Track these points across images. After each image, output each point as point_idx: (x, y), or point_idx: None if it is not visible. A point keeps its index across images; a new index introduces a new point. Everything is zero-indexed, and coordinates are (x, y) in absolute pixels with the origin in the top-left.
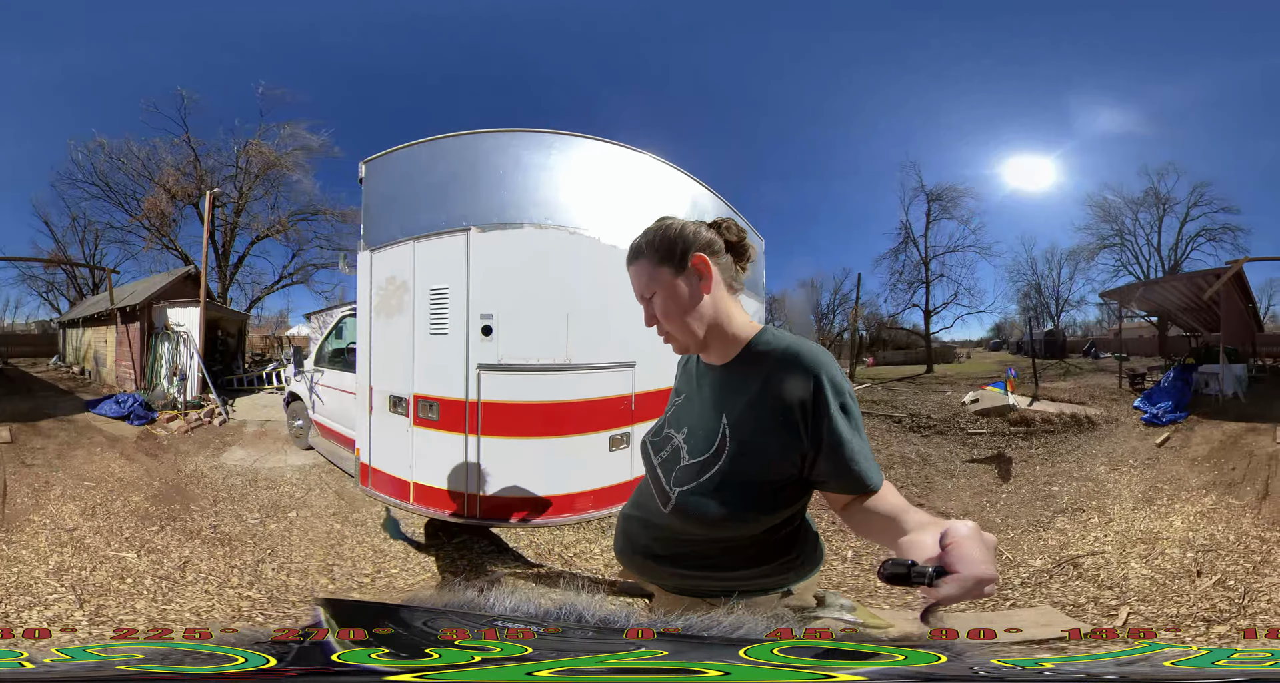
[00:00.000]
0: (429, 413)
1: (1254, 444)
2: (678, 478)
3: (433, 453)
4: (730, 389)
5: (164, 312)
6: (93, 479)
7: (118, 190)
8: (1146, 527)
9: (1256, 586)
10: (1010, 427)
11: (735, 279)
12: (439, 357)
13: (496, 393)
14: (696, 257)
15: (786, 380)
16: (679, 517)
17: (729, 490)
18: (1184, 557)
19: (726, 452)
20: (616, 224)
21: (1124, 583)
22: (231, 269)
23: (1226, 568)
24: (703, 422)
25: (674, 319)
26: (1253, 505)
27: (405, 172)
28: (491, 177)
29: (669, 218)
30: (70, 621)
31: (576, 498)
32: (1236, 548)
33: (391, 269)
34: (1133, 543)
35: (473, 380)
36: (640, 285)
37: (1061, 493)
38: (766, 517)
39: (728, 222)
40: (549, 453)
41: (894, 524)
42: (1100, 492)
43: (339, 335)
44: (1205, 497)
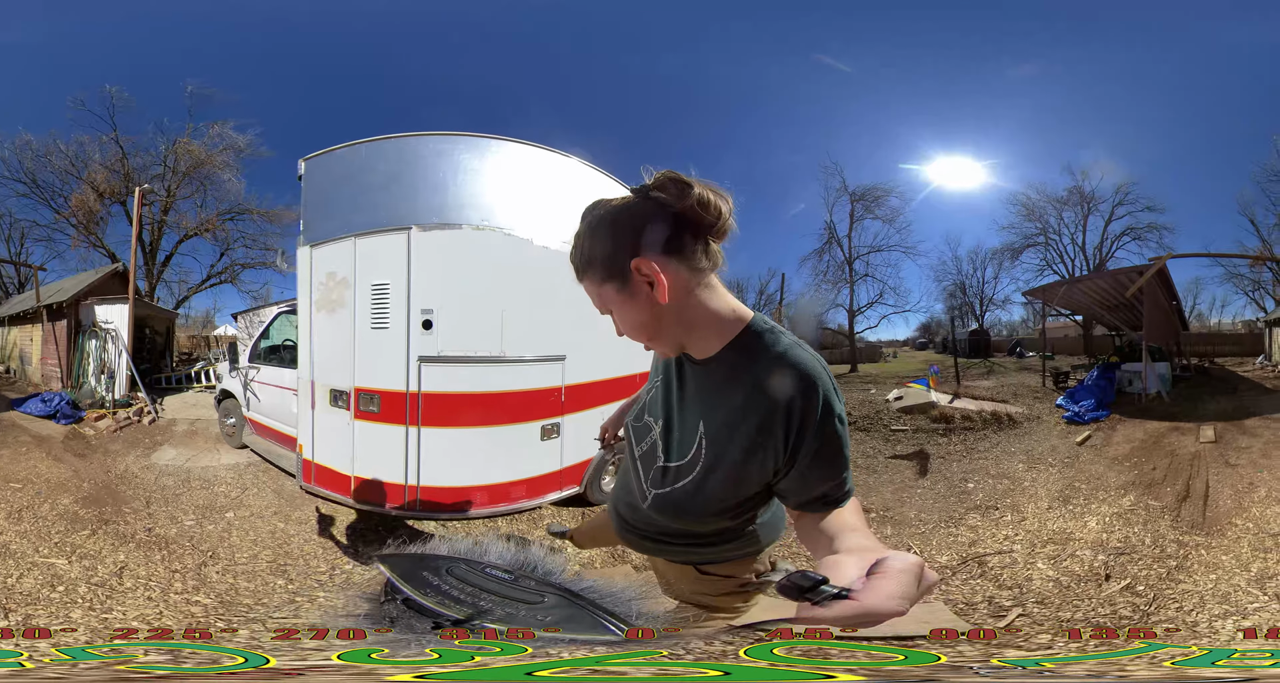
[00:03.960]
0: (370, 406)
1: (1176, 444)
2: (654, 479)
3: (373, 446)
4: (710, 393)
5: (91, 309)
6: (19, 481)
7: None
8: (1059, 527)
9: (1168, 592)
10: (931, 424)
11: (703, 258)
12: (380, 350)
13: (437, 384)
14: (635, 263)
15: (775, 392)
16: (655, 513)
17: (700, 500)
18: (1094, 559)
19: (701, 463)
20: (547, 226)
21: (1026, 584)
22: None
23: (1138, 573)
24: (679, 422)
25: (638, 337)
26: (1172, 507)
27: (346, 170)
28: (432, 179)
29: (595, 208)
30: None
31: (511, 487)
32: (1152, 552)
33: (332, 265)
34: (1043, 543)
35: (413, 372)
36: (596, 304)
37: (976, 490)
38: (735, 519)
39: (670, 178)
40: (485, 442)
41: (830, 543)
42: (1016, 490)
43: (274, 333)
44: (1123, 497)
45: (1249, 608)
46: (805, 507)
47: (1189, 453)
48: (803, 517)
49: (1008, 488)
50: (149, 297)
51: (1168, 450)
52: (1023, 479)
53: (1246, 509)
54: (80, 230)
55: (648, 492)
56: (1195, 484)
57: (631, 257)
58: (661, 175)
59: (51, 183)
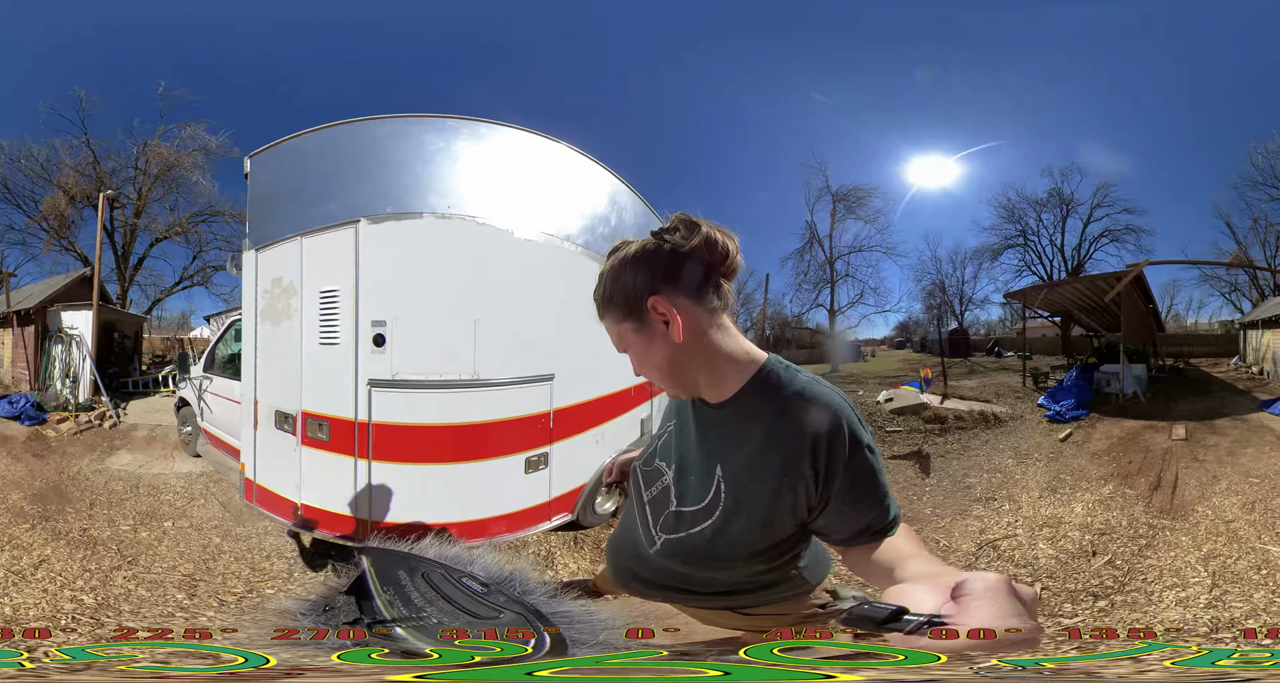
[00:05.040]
0: (318, 433)
1: (1150, 441)
2: (665, 524)
3: (323, 475)
4: (727, 435)
5: (58, 314)
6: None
7: (16, 192)
8: (1051, 513)
9: (1138, 565)
10: (925, 424)
11: (714, 297)
12: (329, 370)
13: (390, 414)
14: (652, 302)
15: (798, 431)
16: (665, 560)
17: (722, 546)
18: (1082, 539)
19: (721, 508)
20: (531, 216)
21: (1034, 562)
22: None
23: (1116, 549)
24: (695, 467)
25: (653, 377)
26: (1145, 495)
27: (292, 164)
28: (387, 162)
29: (619, 249)
30: None
31: (489, 523)
32: (1127, 532)
33: (278, 270)
34: (1040, 527)
35: (363, 398)
36: (615, 343)
37: (976, 485)
38: (769, 563)
39: (682, 220)
40: (454, 479)
41: (890, 572)
42: (1009, 483)
43: (231, 340)
44: (1104, 487)
45: (1190, 580)
46: (851, 541)
47: (1162, 449)
48: (849, 552)
49: (1002, 481)
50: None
51: (1143, 446)
52: (1014, 473)
53: (1208, 499)
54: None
55: (656, 536)
56: (1166, 476)
57: (648, 296)
58: (674, 218)
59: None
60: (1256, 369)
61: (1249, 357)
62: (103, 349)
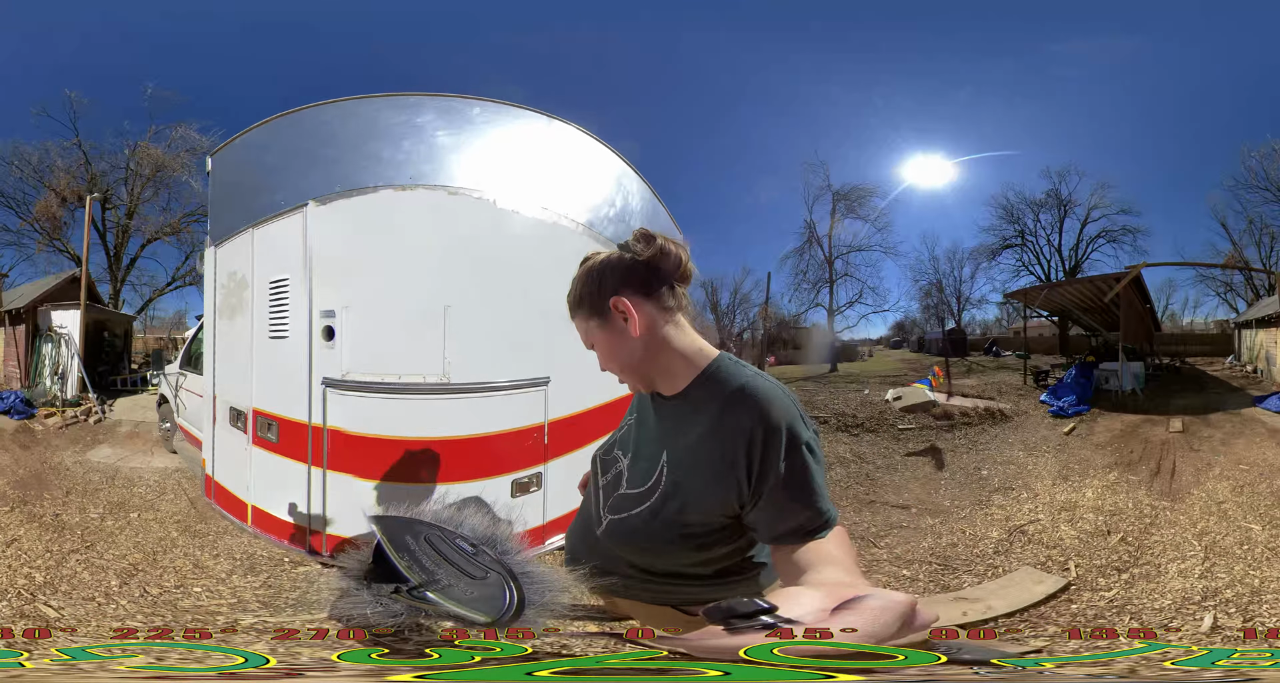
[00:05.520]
0: (267, 433)
1: (1149, 433)
2: (613, 505)
3: (272, 478)
4: (674, 424)
5: (48, 314)
6: None
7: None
8: (1066, 498)
9: (1145, 541)
10: (935, 421)
11: (670, 298)
12: (278, 366)
13: (346, 420)
14: (614, 301)
15: (734, 425)
16: (609, 540)
17: (657, 527)
18: (1096, 520)
19: (660, 490)
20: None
21: (1061, 542)
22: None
23: (1126, 528)
24: (646, 453)
25: (613, 370)
26: (1146, 480)
27: (246, 157)
28: (340, 141)
29: (589, 259)
30: None
31: None
32: (1134, 513)
33: (234, 264)
34: (1059, 511)
35: (317, 398)
36: (583, 338)
37: (991, 476)
38: (702, 552)
39: (641, 233)
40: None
41: (802, 574)
42: (1023, 473)
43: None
44: (1109, 474)
45: (1187, 554)
46: (780, 540)
47: (1160, 440)
48: (779, 551)
49: (1016, 472)
50: (113, 300)
51: (1142, 438)
52: (1026, 464)
53: (1202, 484)
54: (44, 236)
55: (604, 516)
56: (1164, 464)
57: (611, 296)
58: (635, 232)
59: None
60: (1250, 367)
61: (1243, 355)
62: (93, 348)
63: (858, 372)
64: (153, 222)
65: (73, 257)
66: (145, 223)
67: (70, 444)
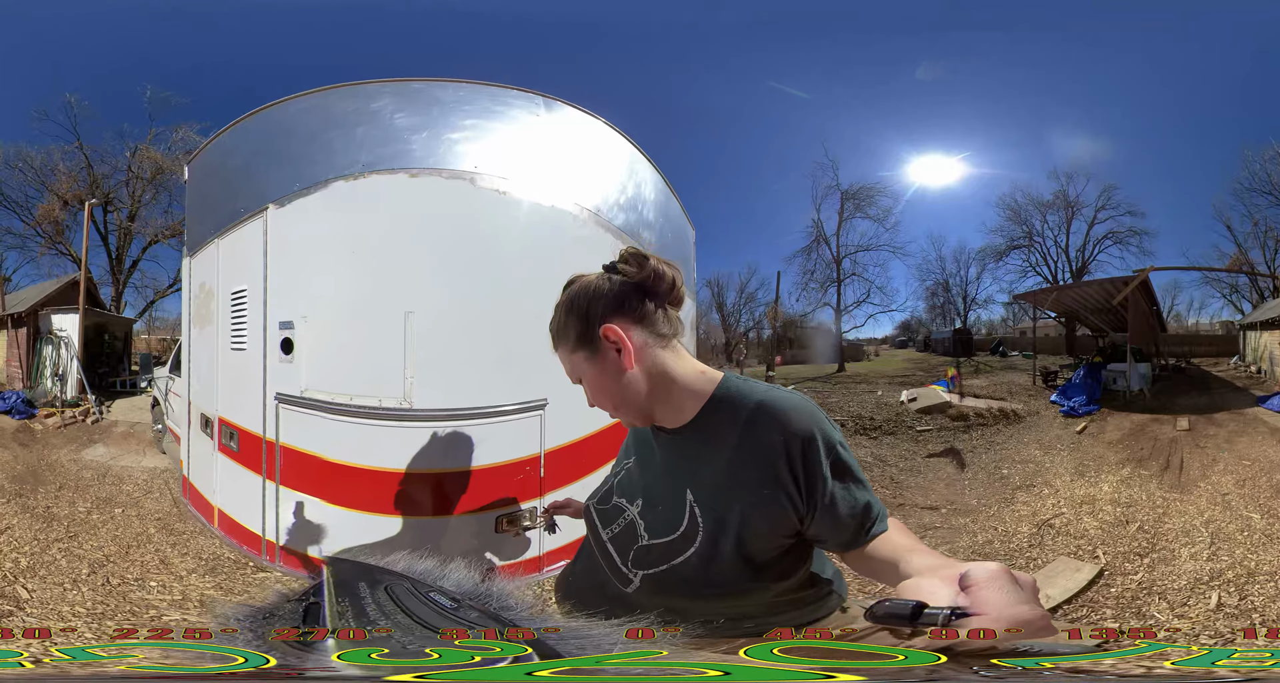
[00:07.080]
0: (230, 442)
1: (1158, 431)
2: (637, 559)
3: (234, 485)
4: (690, 458)
5: (48, 317)
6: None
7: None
8: (1085, 492)
9: (1160, 529)
10: (951, 422)
11: (664, 324)
12: (239, 379)
13: (300, 438)
14: (604, 330)
15: (767, 442)
16: (652, 597)
17: (718, 570)
18: (1115, 512)
19: (702, 532)
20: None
21: (1087, 533)
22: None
23: (1143, 518)
24: (662, 496)
25: (605, 407)
26: (1157, 474)
27: (215, 162)
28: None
29: (573, 282)
30: None
31: None
32: (1147, 504)
33: (204, 274)
34: (1080, 504)
35: (271, 413)
36: (569, 374)
37: (1012, 474)
38: (778, 582)
39: (630, 253)
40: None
41: (895, 567)
42: (1042, 470)
43: None
44: (1122, 469)
45: (1196, 540)
46: (850, 544)
47: (1168, 438)
48: (854, 554)
49: (1035, 470)
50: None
51: (1151, 436)
52: (1044, 462)
53: (1209, 478)
54: (47, 240)
55: (631, 574)
56: (1173, 460)
57: (600, 325)
58: (624, 251)
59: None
60: (1254, 368)
61: (1247, 356)
62: (93, 350)
63: (865, 371)
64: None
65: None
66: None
67: (67, 443)
